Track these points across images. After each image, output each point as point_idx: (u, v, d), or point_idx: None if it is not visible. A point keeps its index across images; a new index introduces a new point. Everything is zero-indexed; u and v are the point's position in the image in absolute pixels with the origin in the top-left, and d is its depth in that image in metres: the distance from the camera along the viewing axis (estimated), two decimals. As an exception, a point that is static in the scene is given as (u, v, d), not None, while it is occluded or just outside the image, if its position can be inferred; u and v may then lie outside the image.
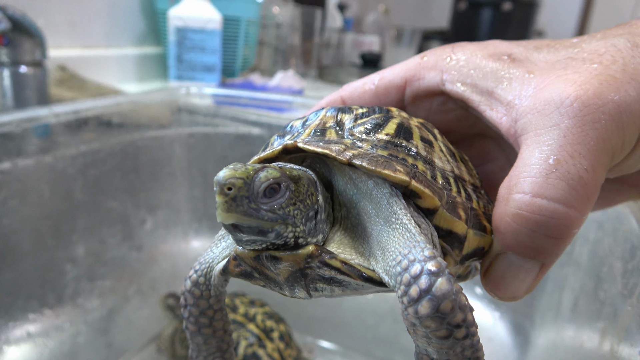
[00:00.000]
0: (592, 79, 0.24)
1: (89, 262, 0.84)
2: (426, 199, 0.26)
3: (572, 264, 0.63)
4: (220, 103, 1.03)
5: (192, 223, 1.06)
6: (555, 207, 0.23)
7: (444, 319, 0.22)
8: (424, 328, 0.22)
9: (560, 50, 0.28)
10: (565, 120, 0.24)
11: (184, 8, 1.15)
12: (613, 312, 0.43)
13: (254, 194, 0.23)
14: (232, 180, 0.23)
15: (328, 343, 0.91)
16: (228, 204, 0.23)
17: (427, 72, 0.31)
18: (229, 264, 0.28)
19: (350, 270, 0.25)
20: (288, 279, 0.26)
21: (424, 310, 0.22)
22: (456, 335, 0.22)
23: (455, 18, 2.27)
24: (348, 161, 0.26)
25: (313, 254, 0.25)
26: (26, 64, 0.81)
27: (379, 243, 0.26)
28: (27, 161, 0.74)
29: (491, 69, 0.29)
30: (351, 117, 0.30)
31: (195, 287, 0.31)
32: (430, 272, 0.22)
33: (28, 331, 0.75)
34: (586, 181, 0.23)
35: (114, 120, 0.89)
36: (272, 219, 0.24)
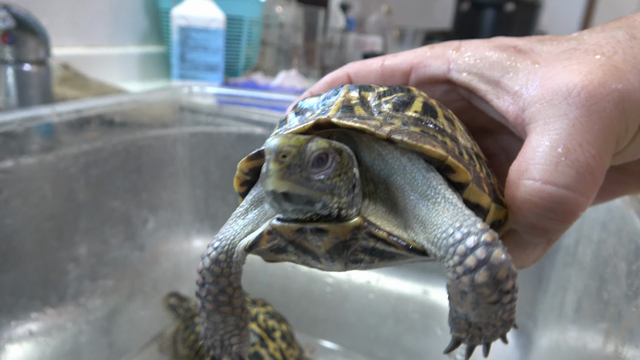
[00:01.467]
0: (596, 69, 0.25)
1: (91, 261, 0.84)
2: (460, 174, 0.27)
3: (575, 265, 0.63)
4: (223, 102, 1.03)
5: (194, 223, 1.06)
6: (564, 193, 0.24)
7: (497, 286, 0.24)
8: (477, 295, 0.24)
9: (563, 42, 0.29)
10: (574, 110, 0.25)
11: (187, 7, 1.15)
12: (617, 313, 0.43)
13: (304, 163, 0.24)
14: (287, 148, 0.23)
15: (330, 343, 0.91)
16: (282, 171, 0.23)
17: (434, 60, 0.32)
18: (261, 239, 0.28)
19: (395, 241, 0.26)
20: (330, 250, 0.27)
21: (481, 278, 0.23)
22: (503, 300, 0.24)
23: (458, 18, 2.27)
24: (387, 136, 0.26)
25: (360, 226, 0.25)
26: (30, 63, 0.81)
27: (416, 216, 0.27)
28: (29, 160, 0.74)
29: (497, 59, 0.29)
30: (374, 94, 0.30)
31: (215, 265, 0.30)
32: (486, 243, 0.23)
33: (30, 330, 0.75)
34: (593, 168, 0.24)
35: (117, 119, 0.89)
36: (321, 189, 0.24)
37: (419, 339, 0.89)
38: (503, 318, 0.25)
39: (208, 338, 0.34)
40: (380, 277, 0.93)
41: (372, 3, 2.60)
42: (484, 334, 0.26)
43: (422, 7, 3.05)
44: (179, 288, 0.94)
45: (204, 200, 1.05)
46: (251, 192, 0.32)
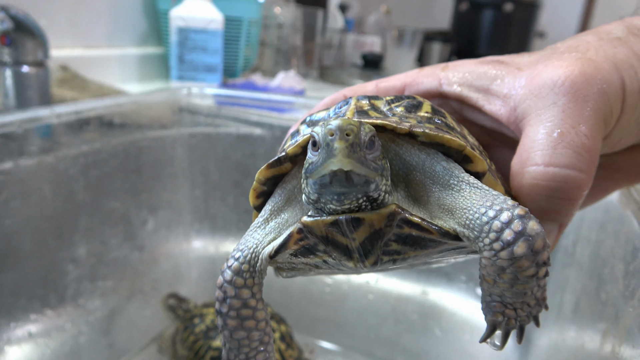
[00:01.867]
0: (574, 62, 0.28)
1: (91, 262, 0.84)
2: (477, 163, 0.28)
3: (574, 266, 0.63)
4: (222, 103, 1.03)
5: (194, 223, 1.06)
6: (567, 172, 0.26)
7: (535, 257, 0.24)
8: (516, 269, 0.24)
9: (539, 52, 0.32)
10: (562, 98, 0.27)
11: (185, 8, 1.15)
12: (615, 313, 0.43)
13: (361, 142, 0.25)
14: (351, 126, 0.24)
15: (329, 344, 0.91)
16: (348, 149, 0.24)
17: (425, 78, 0.35)
18: (289, 240, 0.28)
19: (429, 225, 0.26)
20: (363, 242, 0.27)
21: (520, 250, 0.24)
22: (539, 274, 0.25)
23: (457, 19, 2.27)
24: (409, 129, 0.28)
25: (395, 212, 0.26)
26: (28, 64, 0.81)
27: (442, 206, 0.28)
28: (29, 161, 0.74)
29: (483, 70, 0.32)
30: (383, 102, 0.32)
31: (237, 276, 0.30)
32: (520, 215, 0.25)
33: (29, 331, 0.75)
34: (589, 147, 0.26)
35: (116, 120, 0.89)
36: (375, 169, 0.25)
37: (419, 339, 0.89)
38: (537, 296, 0.26)
39: (232, 359, 0.32)
40: (380, 277, 0.93)
41: (371, 3, 2.60)
42: (519, 315, 0.27)
43: (421, 8, 3.05)
44: (179, 289, 0.94)
45: (204, 201, 1.05)
46: (270, 202, 0.32)
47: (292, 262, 0.31)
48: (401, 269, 0.32)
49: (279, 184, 0.32)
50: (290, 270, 0.33)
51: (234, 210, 1.02)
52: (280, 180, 0.32)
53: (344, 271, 0.32)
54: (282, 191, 0.32)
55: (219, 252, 1.04)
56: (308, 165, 0.26)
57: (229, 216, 1.03)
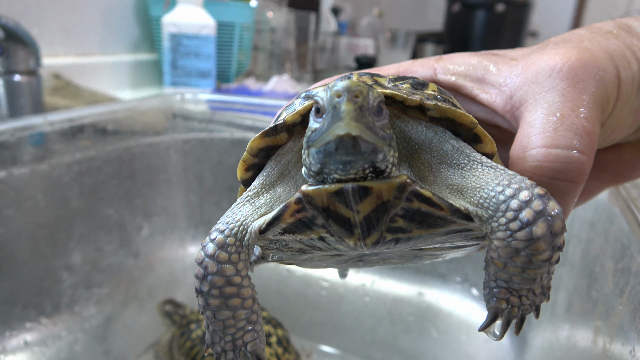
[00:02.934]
0: (570, 50, 0.29)
1: (86, 269, 0.84)
2: (487, 143, 0.27)
3: (566, 265, 0.63)
4: (216, 109, 1.03)
5: (189, 229, 1.06)
6: (569, 153, 0.26)
7: (553, 240, 0.23)
8: (531, 251, 0.23)
9: (532, 47, 0.32)
10: (560, 83, 0.28)
11: (178, 14, 1.15)
12: (605, 311, 0.44)
13: (369, 107, 0.23)
14: (360, 88, 0.22)
15: (326, 347, 0.91)
16: (357, 112, 0.22)
17: (419, 67, 0.35)
18: (285, 211, 0.26)
19: (441, 201, 0.25)
20: (368, 216, 0.25)
21: (540, 230, 0.23)
22: (553, 258, 0.24)
23: (449, 20, 2.28)
24: (420, 102, 0.26)
25: (406, 183, 0.24)
26: (20, 73, 0.81)
27: (451, 186, 0.26)
28: (22, 170, 0.74)
29: (477, 61, 0.32)
30: (386, 79, 0.30)
31: (221, 250, 0.27)
32: (540, 195, 0.23)
33: (25, 340, 0.75)
34: (589, 129, 0.27)
35: (109, 127, 0.89)
36: (384, 138, 0.24)
37: (415, 341, 0.89)
38: (543, 284, 0.25)
39: (217, 342, 0.29)
40: (375, 279, 0.93)
41: (364, 6, 2.61)
42: (523, 303, 0.26)
43: (413, 9, 3.06)
44: (175, 294, 0.94)
45: (199, 206, 1.05)
46: (261, 175, 0.30)
47: (283, 239, 0.28)
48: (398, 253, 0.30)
49: (272, 157, 0.30)
50: (279, 251, 0.30)
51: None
52: (273, 154, 0.30)
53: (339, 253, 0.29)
54: (276, 164, 0.29)
55: (215, 257, 1.04)
56: (310, 133, 0.24)
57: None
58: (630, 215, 0.45)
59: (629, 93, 0.29)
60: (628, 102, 0.30)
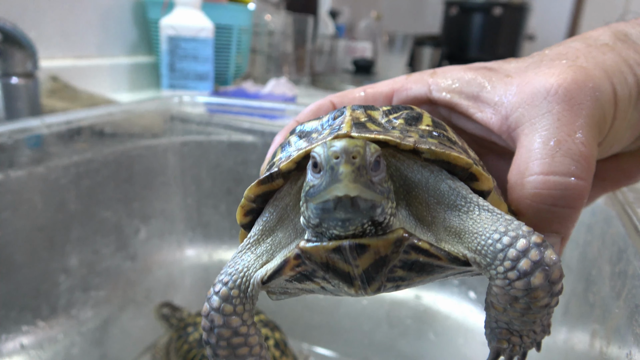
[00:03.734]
0: (566, 69, 0.28)
1: (83, 272, 0.84)
2: (483, 182, 0.27)
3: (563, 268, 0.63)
4: (213, 111, 1.04)
5: (187, 232, 1.06)
6: (567, 180, 0.26)
7: (551, 288, 0.23)
8: (530, 299, 0.23)
9: (527, 59, 0.32)
10: (555, 106, 0.27)
11: (176, 17, 1.15)
12: (602, 314, 0.44)
13: (367, 165, 0.23)
14: (357, 148, 0.22)
15: (324, 350, 0.91)
16: (355, 173, 0.22)
17: (413, 84, 0.34)
18: (285, 265, 0.26)
19: (438, 251, 0.25)
20: (367, 269, 0.25)
21: (537, 280, 0.23)
22: (552, 303, 0.24)
23: (447, 23, 2.28)
24: (414, 146, 0.26)
25: (402, 237, 0.24)
26: (17, 76, 0.81)
27: (448, 228, 0.26)
28: (19, 172, 0.74)
29: (472, 77, 0.32)
30: (380, 113, 0.30)
31: (226, 303, 0.27)
32: (537, 244, 0.23)
33: (22, 343, 0.74)
34: (586, 154, 0.26)
35: (107, 130, 0.89)
36: (382, 192, 0.24)
37: (413, 344, 0.89)
38: (543, 323, 0.25)
39: None
40: (373, 282, 0.93)
41: (362, 9, 2.62)
42: (524, 342, 0.26)
43: (411, 13, 3.07)
44: (172, 297, 0.94)
45: (196, 209, 1.05)
46: (259, 222, 0.30)
47: (286, 287, 0.29)
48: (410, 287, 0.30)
49: (270, 201, 0.30)
50: (282, 294, 0.31)
51: (227, 218, 1.02)
52: (270, 197, 0.30)
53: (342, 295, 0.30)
54: (274, 209, 0.29)
55: (213, 260, 1.04)
56: (309, 188, 0.24)
57: (222, 224, 1.03)
58: (626, 219, 0.45)
59: (625, 110, 0.29)
60: (625, 118, 0.29)
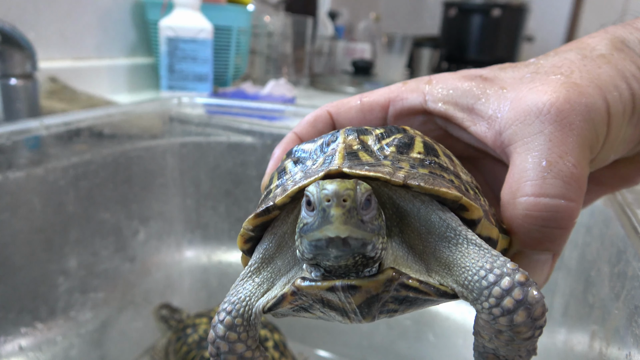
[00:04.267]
0: (559, 87, 0.28)
1: (82, 274, 0.84)
2: (473, 212, 0.27)
3: (562, 269, 0.63)
4: (212, 112, 1.03)
5: (185, 233, 1.06)
6: (557, 202, 0.26)
7: (534, 323, 0.24)
8: (514, 333, 0.24)
9: (523, 68, 0.31)
10: (547, 127, 0.27)
11: (175, 18, 1.15)
12: (602, 315, 0.44)
13: (358, 205, 0.24)
14: (348, 192, 0.23)
15: (323, 351, 0.91)
16: (345, 216, 0.23)
17: (409, 93, 0.34)
18: (283, 300, 0.28)
19: (427, 288, 0.26)
20: (360, 305, 0.26)
21: (520, 319, 0.24)
22: (536, 334, 0.25)
23: (446, 24, 2.29)
24: (404, 182, 0.26)
25: (392, 278, 0.25)
26: (16, 77, 0.81)
27: (439, 259, 0.27)
28: (18, 174, 0.74)
29: (468, 88, 0.32)
30: (373, 137, 0.30)
31: (231, 331, 0.28)
32: (521, 283, 0.24)
33: (20, 345, 0.74)
34: (576, 175, 0.27)
35: (106, 131, 0.89)
36: (372, 230, 0.24)
37: (412, 345, 0.89)
38: (528, 349, 0.26)
39: None
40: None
41: (361, 10, 2.62)
42: None
43: (410, 14, 3.08)
44: (171, 299, 0.94)
45: (195, 211, 1.05)
46: (258, 250, 0.31)
47: (287, 313, 0.30)
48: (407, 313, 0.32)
49: (268, 229, 0.31)
50: (284, 316, 0.32)
51: (226, 220, 1.02)
52: (269, 225, 0.31)
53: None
54: (272, 237, 0.31)
55: (211, 261, 1.04)
56: (302, 225, 0.25)
57: (221, 225, 1.03)
58: (625, 220, 0.45)
59: (619, 127, 0.29)
60: (619, 135, 0.29)
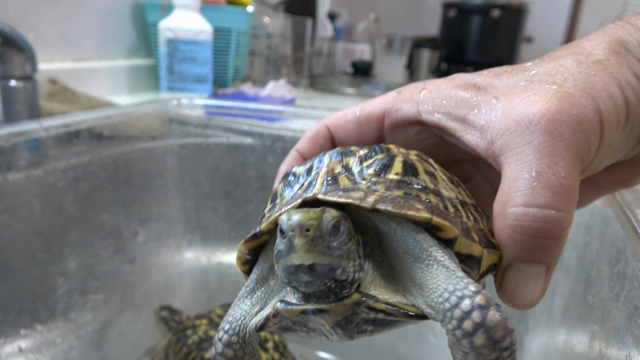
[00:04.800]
0: (551, 97, 0.28)
1: (81, 275, 0.84)
2: (447, 231, 0.28)
3: (562, 269, 0.63)
4: (212, 114, 1.03)
5: (185, 234, 1.06)
6: (547, 212, 0.26)
7: (496, 345, 0.24)
8: (478, 355, 0.25)
9: (518, 74, 0.31)
10: (537, 137, 0.27)
11: (174, 20, 1.15)
12: (601, 315, 0.44)
13: (324, 233, 0.25)
14: (310, 222, 0.25)
15: (323, 353, 0.91)
16: (308, 244, 0.25)
17: (403, 104, 0.34)
18: (268, 321, 0.29)
19: (394, 309, 0.27)
20: (334, 327, 0.28)
21: (479, 341, 0.24)
22: (503, 355, 0.25)
23: (445, 25, 2.29)
24: (372, 207, 0.27)
25: (359, 302, 0.27)
26: (16, 78, 0.81)
27: (413, 279, 0.28)
28: (17, 175, 0.74)
29: (461, 98, 0.32)
30: (355, 159, 0.31)
31: (228, 349, 0.31)
32: (480, 306, 0.25)
33: (20, 347, 0.74)
34: (566, 186, 0.26)
35: (105, 132, 0.89)
36: (340, 255, 0.26)
37: (412, 346, 0.89)
38: None
39: None
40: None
41: (360, 11, 2.62)
42: None
43: (409, 15, 3.08)
44: (171, 300, 0.94)
45: (195, 212, 1.05)
46: (254, 271, 0.33)
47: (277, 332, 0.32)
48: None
49: (262, 251, 0.33)
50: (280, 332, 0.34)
51: (226, 221, 1.02)
52: (263, 247, 0.33)
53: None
54: (266, 259, 0.32)
55: (211, 262, 1.04)
56: (277, 251, 0.26)
57: (221, 226, 1.03)
58: (625, 220, 0.45)
59: (612, 136, 0.29)
60: (612, 144, 0.29)
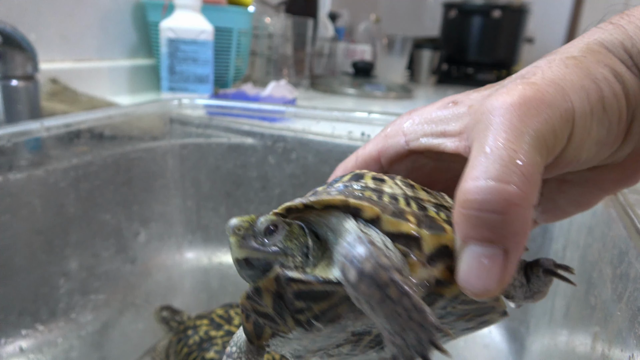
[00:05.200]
0: (514, 87, 0.28)
1: (82, 276, 0.84)
2: (365, 210, 0.29)
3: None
4: (213, 114, 1.03)
5: (186, 234, 1.06)
6: (491, 184, 0.25)
7: (372, 280, 0.25)
8: (363, 297, 0.25)
9: (495, 85, 0.32)
10: (494, 119, 0.27)
11: (175, 20, 1.15)
12: (604, 317, 0.44)
13: (258, 232, 0.29)
14: (241, 223, 0.29)
15: (324, 353, 0.91)
16: (239, 241, 0.29)
17: (392, 140, 0.36)
18: (242, 319, 0.32)
19: (307, 277, 0.28)
20: (275, 308, 0.29)
21: (351, 276, 0.25)
22: (390, 295, 0.24)
23: (446, 26, 2.29)
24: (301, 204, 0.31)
25: (278, 274, 0.29)
26: (17, 78, 0.81)
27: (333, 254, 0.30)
28: (18, 175, 0.74)
29: (440, 116, 0.33)
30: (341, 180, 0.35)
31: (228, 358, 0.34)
32: (349, 244, 0.27)
33: (21, 347, 0.74)
34: (518, 161, 0.26)
35: (106, 132, 0.89)
36: (275, 252, 0.29)
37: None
38: (415, 319, 0.25)
39: None
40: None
41: (361, 12, 2.62)
42: (410, 343, 0.26)
43: (410, 15, 3.08)
44: (172, 301, 0.94)
45: (196, 212, 1.05)
46: None
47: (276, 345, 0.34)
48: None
49: None
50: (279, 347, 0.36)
51: (226, 221, 1.02)
52: None
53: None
54: None
55: (212, 262, 1.04)
56: None
57: (222, 227, 1.03)
58: (628, 221, 0.45)
59: (587, 126, 0.28)
60: (589, 134, 0.29)
